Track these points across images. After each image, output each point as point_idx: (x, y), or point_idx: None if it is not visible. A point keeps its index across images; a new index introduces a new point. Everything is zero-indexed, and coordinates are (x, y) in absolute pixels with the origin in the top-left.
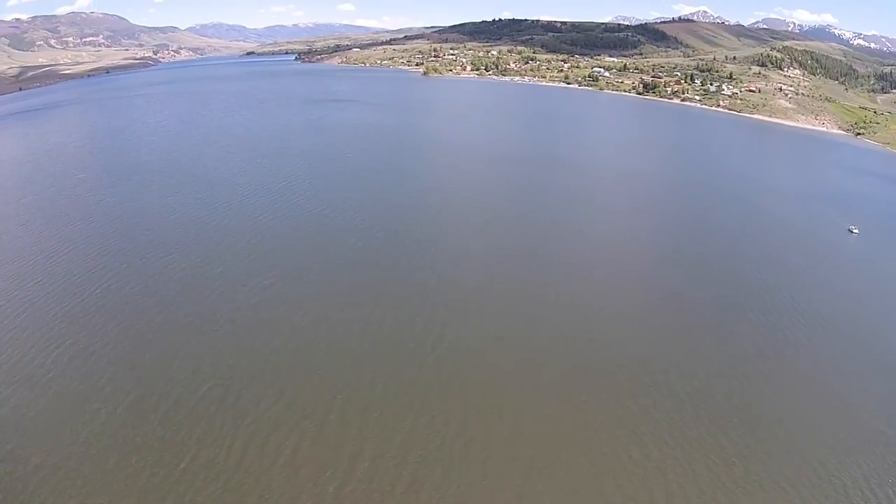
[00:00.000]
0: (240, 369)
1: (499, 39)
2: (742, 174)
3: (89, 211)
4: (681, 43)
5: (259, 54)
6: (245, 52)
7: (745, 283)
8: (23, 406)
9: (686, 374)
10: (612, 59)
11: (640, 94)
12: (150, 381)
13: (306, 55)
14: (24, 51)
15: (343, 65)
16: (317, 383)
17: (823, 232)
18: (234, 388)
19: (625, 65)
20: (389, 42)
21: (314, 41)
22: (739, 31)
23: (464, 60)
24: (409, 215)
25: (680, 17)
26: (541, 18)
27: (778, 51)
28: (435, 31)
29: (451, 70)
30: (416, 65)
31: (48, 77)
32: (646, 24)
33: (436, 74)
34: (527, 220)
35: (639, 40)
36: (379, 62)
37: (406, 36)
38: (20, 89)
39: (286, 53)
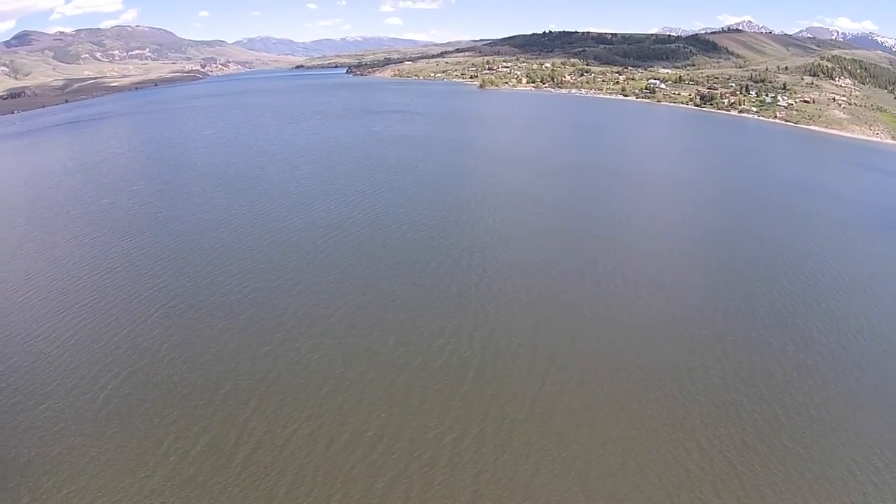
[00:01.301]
0: (328, 402)
1: (550, 52)
2: (810, 187)
3: (146, 225)
4: (731, 53)
5: (308, 67)
6: (294, 66)
7: (799, 296)
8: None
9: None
10: (666, 70)
11: (697, 105)
12: (226, 421)
13: (357, 68)
14: (68, 63)
15: (396, 78)
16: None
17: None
18: (325, 430)
19: (680, 76)
20: (441, 55)
21: (363, 54)
22: (786, 41)
23: (518, 73)
24: (481, 227)
25: (728, 28)
26: (590, 31)
27: (828, 60)
28: (486, 44)
29: (506, 83)
30: (471, 77)
31: (94, 89)
32: (696, 34)
33: (492, 87)
34: (590, 230)
35: (690, 51)
36: (432, 75)
37: (457, 49)
38: (66, 101)
39: (336, 67)
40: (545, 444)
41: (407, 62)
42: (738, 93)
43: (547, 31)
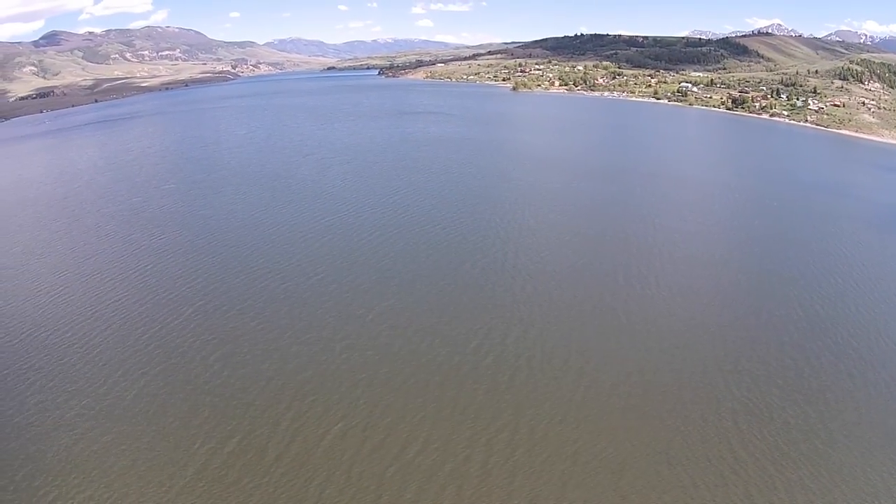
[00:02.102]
0: (362, 402)
1: (582, 54)
2: (842, 191)
3: (178, 223)
4: (762, 57)
5: (340, 69)
6: (326, 67)
7: (833, 300)
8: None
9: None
10: (697, 73)
11: (728, 109)
12: (258, 420)
13: (389, 70)
14: (98, 63)
15: (428, 79)
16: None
17: None
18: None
19: (711, 80)
20: (472, 57)
21: (394, 56)
22: (816, 44)
23: (551, 75)
24: (514, 228)
25: (758, 31)
26: (621, 33)
27: (857, 63)
28: (518, 46)
29: (539, 85)
30: (503, 80)
31: (124, 89)
32: (727, 38)
33: (525, 89)
34: (624, 232)
35: (721, 54)
36: (465, 77)
37: (489, 51)
38: (95, 101)
39: (367, 68)
40: (578, 445)
41: (439, 64)
42: (768, 96)
43: (578, 34)
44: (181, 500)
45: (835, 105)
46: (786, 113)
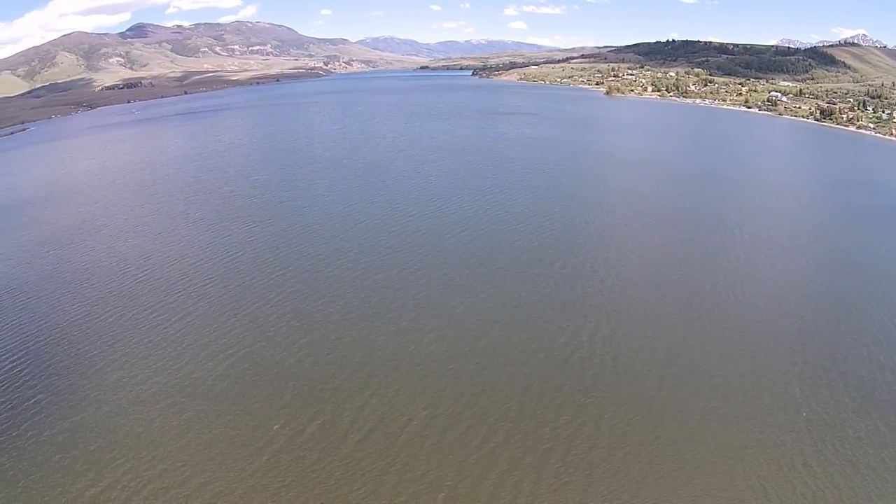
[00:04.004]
0: (446, 393)
1: (674, 61)
2: None
3: (268, 212)
4: (848, 67)
5: (433, 69)
6: (419, 67)
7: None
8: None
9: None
10: (786, 83)
11: (817, 120)
12: (341, 406)
13: (482, 71)
14: (187, 56)
15: (522, 81)
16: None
17: None
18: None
19: (800, 90)
20: (566, 60)
21: (488, 57)
22: None
23: (643, 81)
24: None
25: (845, 41)
26: (711, 40)
27: None
28: (611, 51)
29: (632, 90)
30: (596, 84)
31: (214, 82)
32: (814, 47)
33: (618, 94)
34: (712, 241)
35: (809, 64)
36: (558, 80)
37: (582, 55)
38: (185, 92)
39: (461, 69)
40: (656, 446)
41: (532, 66)
42: (855, 108)
43: (670, 40)
44: (257, 478)
45: None
46: (871, 125)
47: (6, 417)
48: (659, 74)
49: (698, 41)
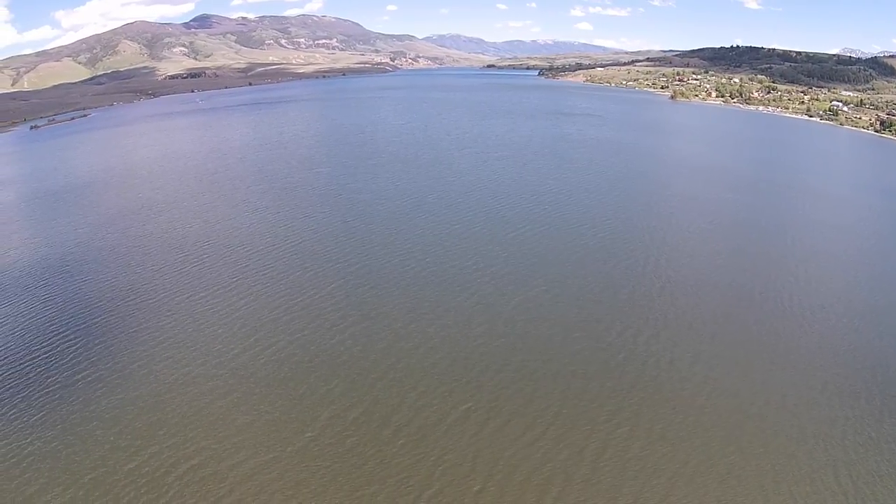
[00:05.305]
0: (492, 387)
1: (738, 67)
2: None
3: (330, 204)
4: None
5: (499, 67)
6: (485, 65)
7: None
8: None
9: None
10: (847, 93)
11: (877, 131)
12: (387, 392)
13: (548, 71)
14: (252, 48)
15: (588, 83)
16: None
17: None
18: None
19: (861, 100)
20: (631, 62)
21: (554, 58)
22: None
23: (708, 86)
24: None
25: None
26: (774, 47)
27: None
28: (675, 55)
29: (696, 95)
30: (661, 88)
31: (279, 74)
32: (876, 57)
33: (683, 99)
34: (767, 248)
35: (870, 74)
36: (623, 83)
37: (647, 58)
38: (250, 84)
39: (527, 68)
40: (691, 450)
41: (598, 68)
42: None
43: (734, 46)
44: (297, 457)
45: None
46: None
47: (58, 392)
48: (723, 80)
49: (762, 48)
